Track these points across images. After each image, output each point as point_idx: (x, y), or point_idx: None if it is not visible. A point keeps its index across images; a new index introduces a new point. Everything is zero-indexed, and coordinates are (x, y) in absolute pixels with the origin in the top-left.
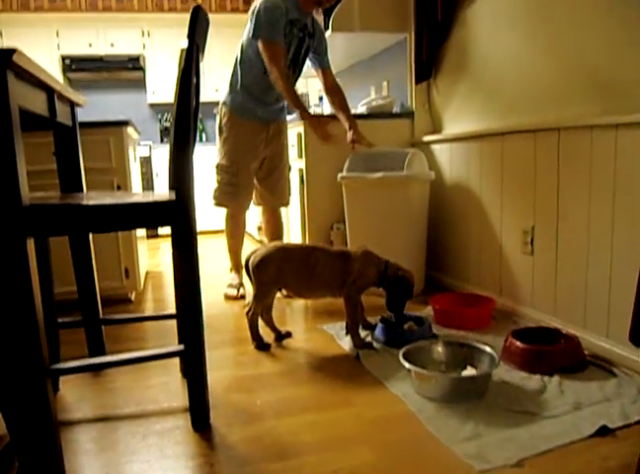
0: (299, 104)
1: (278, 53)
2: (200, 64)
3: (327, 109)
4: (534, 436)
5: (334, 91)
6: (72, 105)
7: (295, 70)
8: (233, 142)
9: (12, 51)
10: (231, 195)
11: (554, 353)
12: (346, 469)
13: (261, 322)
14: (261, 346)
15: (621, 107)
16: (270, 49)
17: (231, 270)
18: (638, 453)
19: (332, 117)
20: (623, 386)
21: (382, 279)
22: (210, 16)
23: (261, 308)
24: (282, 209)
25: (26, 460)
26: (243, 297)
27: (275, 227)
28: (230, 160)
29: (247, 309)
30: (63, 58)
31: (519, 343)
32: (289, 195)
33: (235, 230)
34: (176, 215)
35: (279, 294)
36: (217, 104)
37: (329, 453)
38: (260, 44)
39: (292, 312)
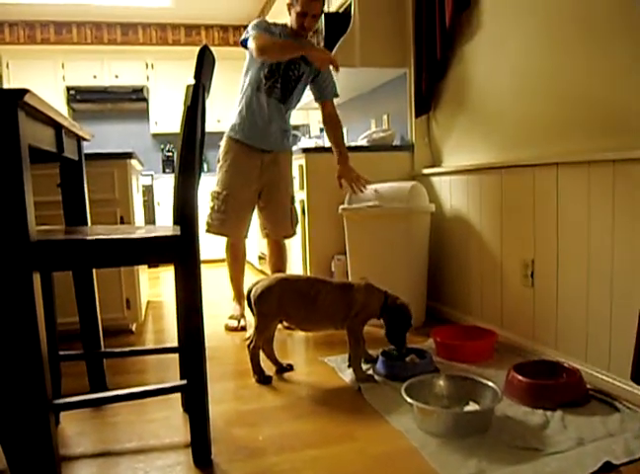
0: (296, 46)
1: (263, 38)
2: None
3: (328, 141)
4: (538, 473)
5: (330, 123)
6: (79, 139)
7: (287, 95)
8: (226, 169)
9: (24, 92)
10: (220, 222)
11: (556, 387)
12: None
13: (262, 355)
14: (262, 379)
15: (619, 142)
16: (256, 39)
17: (233, 299)
18: None
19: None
20: (626, 421)
21: (383, 310)
22: (213, 49)
23: (262, 341)
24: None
25: None
26: (244, 329)
27: (277, 258)
28: (221, 186)
29: (248, 342)
30: (68, 89)
31: (521, 377)
32: (293, 226)
33: (234, 259)
34: (180, 251)
35: (280, 326)
36: (219, 134)
37: None
38: (249, 44)
39: (293, 344)
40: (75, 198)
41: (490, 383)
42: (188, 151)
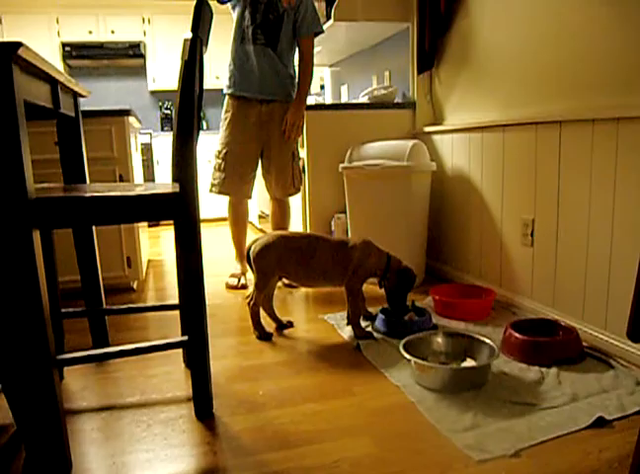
0: None
1: None
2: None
3: (328, 97)
4: (532, 427)
5: (300, 63)
6: (75, 95)
7: (273, 39)
8: (225, 126)
9: (18, 45)
10: (221, 181)
11: (552, 344)
12: (347, 459)
13: (262, 312)
14: (263, 336)
15: (624, 99)
16: None
17: (236, 258)
18: (634, 444)
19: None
20: (620, 378)
21: (385, 272)
22: (211, 3)
23: (262, 298)
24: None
25: (32, 449)
26: (245, 287)
27: (279, 218)
28: (221, 144)
29: (249, 299)
30: (63, 45)
31: (517, 334)
32: (295, 185)
33: (235, 218)
34: (180, 208)
35: (279, 284)
36: (218, 91)
37: (331, 443)
38: None
39: (294, 302)
40: (73, 156)
41: (487, 340)
42: (185, 107)
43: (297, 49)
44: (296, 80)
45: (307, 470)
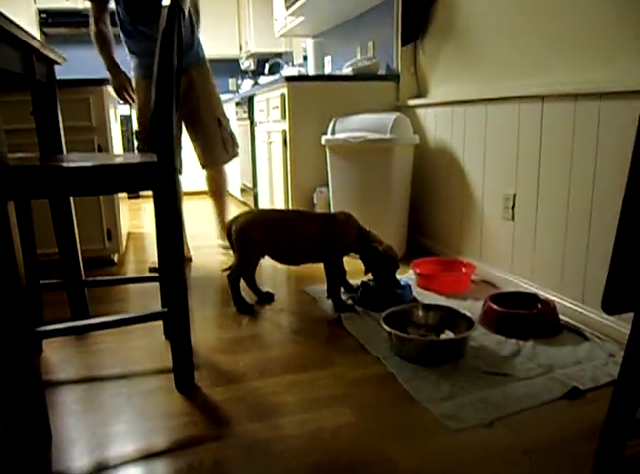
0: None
1: None
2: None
3: (311, 68)
4: (508, 397)
5: (194, 15)
6: (50, 62)
7: (152, 8)
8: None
9: None
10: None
11: (529, 317)
12: (327, 428)
13: (243, 284)
14: (243, 309)
15: (606, 74)
16: None
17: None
18: (606, 415)
19: None
20: (595, 350)
21: (362, 246)
22: None
23: (244, 274)
24: (264, 174)
25: (12, 421)
26: None
27: (215, 189)
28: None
29: (228, 272)
30: (39, 12)
31: (495, 307)
32: (228, 150)
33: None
34: (157, 178)
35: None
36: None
37: (311, 413)
38: None
39: (275, 275)
40: (49, 126)
41: (466, 312)
42: (164, 77)
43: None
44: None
45: (287, 439)
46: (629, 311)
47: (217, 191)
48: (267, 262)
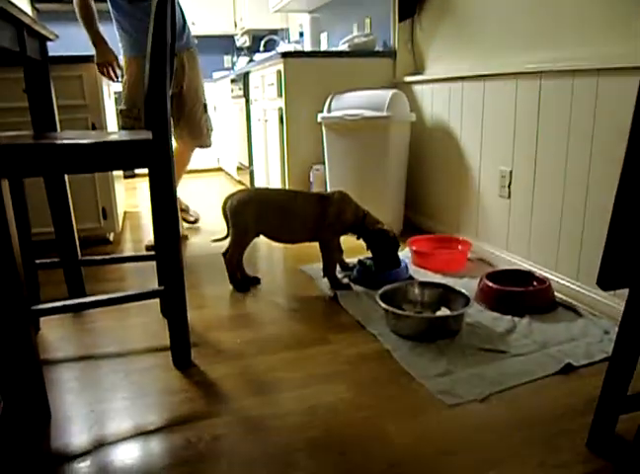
0: None
1: None
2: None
3: (307, 45)
4: (503, 373)
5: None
6: (42, 39)
7: None
8: (131, 85)
9: None
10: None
11: (525, 294)
12: (323, 404)
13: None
14: (240, 288)
15: (605, 50)
16: None
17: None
18: (600, 390)
19: None
20: (589, 327)
21: (360, 229)
22: None
23: (239, 252)
24: (260, 152)
25: (10, 399)
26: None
27: (181, 160)
28: (129, 103)
29: (224, 250)
30: None
31: (491, 284)
32: (209, 136)
33: None
34: (152, 155)
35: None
36: (194, 38)
37: (307, 389)
38: None
39: (271, 253)
40: (42, 104)
41: (461, 290)
42: (158, 53)
43: None
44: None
45: (284, 416)
46: (624, 287)
47: (183, 166)
48: (262, 240)
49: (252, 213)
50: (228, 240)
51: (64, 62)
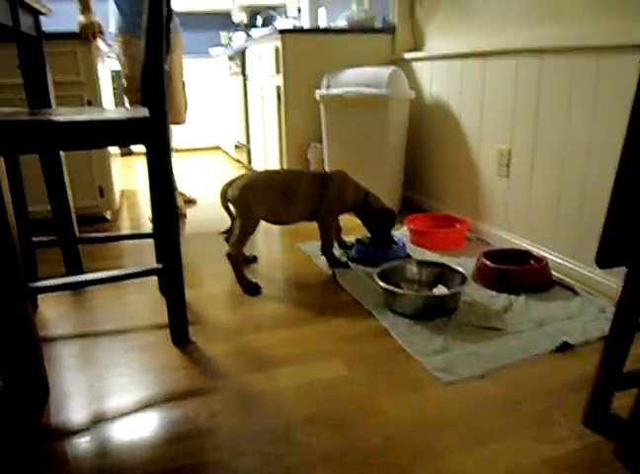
0: None
1: None
2: None
3: (305, 21)
4: (499, 351)
5: None
6: (36, 13)
7: None
8: (133, 63)
9: None
10: None
11: (522, 273)
12: (321, 380)
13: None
14: (249, 289)
15: (606, 26)
16: None
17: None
18: (596, 367)
19: None
20: (586, 305)
21: (362, 208)
22: None
23: (245, 244)
24: (257, 130)
25: (9, 377)
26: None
27: None
28: (132, 78)
29: (228, 250)
30: None
31: (488, 262)
32: (185, 113)
33: None
34: (149, 133)
35: None
36: (192, 15)
37: (305, 366)
38: None
39: (267, 230)
40: (37, 80)
41: (459, 268)
42: (153, 30)
43: None
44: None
45: (282, 391)
46: (621, 265)
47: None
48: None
49: (258, 199)
50: (228, 226)
51: (59, 38)
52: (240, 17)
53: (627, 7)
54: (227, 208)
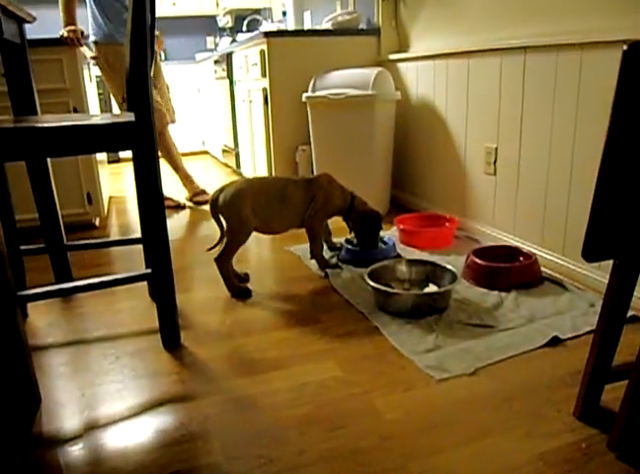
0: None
1: None
2: None
3: (291, 24)
4: (490, 348)
5: None
6: (20, 21)
7: None
8: (117, 74)
9: None
10: None
11: (511, 270)
12: (313, 382)
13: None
14: (238, 293)
15: (588, 24)
16: None
17: (185, 185)
18: (586, 362)
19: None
20: (575, 300)
21: (349, 212)
22: None
23: (234, 253)
24: (245, 134)
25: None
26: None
27: (162, 143)
28: (120, 89)
29: (218, 254)
30: None
31: (478, 260)
32: (175, 113)
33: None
34: (136, 137)
35: None
36: (176, 19)
37: (297, 367)
38: None
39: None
40: (22, 87)
41: (449, 266)
42: (138, 35)
43: None
44: None
45: (275, 393)
46: (608, 259)
47: (173, 145)
48: None
49: (249, 207)
50: (217, 239)
51: (44, 45)
52: (225, 21)
53: (610, 3)
54: (217, 219)
